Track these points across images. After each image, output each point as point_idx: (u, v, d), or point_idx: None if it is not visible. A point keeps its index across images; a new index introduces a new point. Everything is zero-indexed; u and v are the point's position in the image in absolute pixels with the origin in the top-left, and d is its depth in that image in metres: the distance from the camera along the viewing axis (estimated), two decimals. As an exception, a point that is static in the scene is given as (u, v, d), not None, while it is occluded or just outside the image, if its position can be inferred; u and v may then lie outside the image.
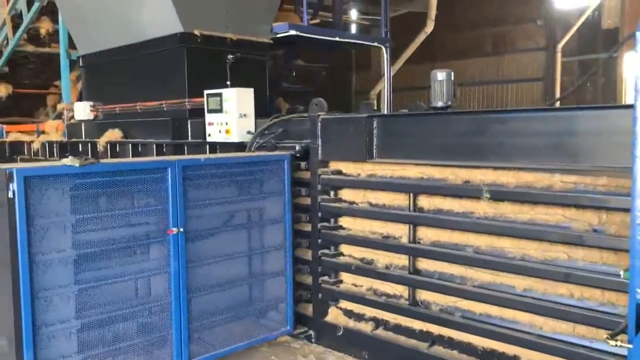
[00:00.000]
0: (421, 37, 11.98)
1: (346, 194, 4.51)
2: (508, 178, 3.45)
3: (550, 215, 3.31)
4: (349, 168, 4.46)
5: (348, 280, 4.55)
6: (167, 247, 3.86)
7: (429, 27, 11.66)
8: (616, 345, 2.81)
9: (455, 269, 3.79)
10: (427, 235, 3.92)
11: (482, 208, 3.61)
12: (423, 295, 4.00)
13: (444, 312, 3.87)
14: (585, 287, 3.20)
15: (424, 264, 3.99)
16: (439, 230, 3.87)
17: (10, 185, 3.13)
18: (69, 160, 3.38)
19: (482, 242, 3.64)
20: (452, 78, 4.38)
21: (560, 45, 15.79)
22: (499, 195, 3.50)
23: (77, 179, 3.42)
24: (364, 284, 4.43)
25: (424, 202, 3.93)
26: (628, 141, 2.31)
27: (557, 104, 11.87)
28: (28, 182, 3.19)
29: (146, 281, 3.90)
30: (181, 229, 3.88)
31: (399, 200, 4.08)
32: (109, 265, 3.63)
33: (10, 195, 3.14)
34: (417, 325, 4.07)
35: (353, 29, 14.70)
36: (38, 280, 3.27)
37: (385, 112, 8.14)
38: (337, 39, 8.07)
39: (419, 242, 3.98)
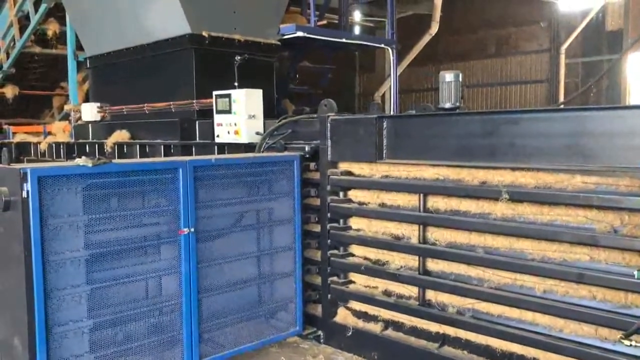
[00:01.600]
0: (425, 39, 12.02)
1: (356, 195, 4.52)
2: (527, 179, 3.43)
3: (572, 216, 3.30)
4: (359, 169, 4.46)
5: (359, 281, 4.55)
6: (178, 248, 3.87)
7: (434, 29, 11.69)
8: (630, 345, 2.83)
9: (473, 271, 3.78)
10: (444, 236, 3.91)
11: (500, 209, 3.59)
12: (439, 297, 3.99)
13: (459, 314, 3.86)
14: (607, 289, 3.17)
15: (439, 265, 3.98)
16: (455, 231, 3.85)
17: (25, 185, 3.14)
18: (82, 161, 3.40)
19: (500, 243, 3.62)
20: (460, 79, 4.40)
21: (564, 47, 15.83)
22: (518, 196, 3.47)
23: (89, 179, 3.43)
24: (375, 284, 4.43)
25: (440, 203, 3.92)
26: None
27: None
28: (42, 182, 3.20)
29: (157, 281, 3.91)
30: (192, 229, 3.89)
31: (414, 201, 4.07)
32: (120, 265, 3.63)
33: (25, 195, 3.15)
34: (427, 326, 4.06)
35: (356, 30, 14.73)
36: (51, 280, 3.27)
37: (393, 113, 8.16)
38: (344, 40, 8.10)
39: (434, 243, 3.96)
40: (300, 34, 7.09)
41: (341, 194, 4.58)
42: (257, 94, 5.33)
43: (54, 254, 3.29)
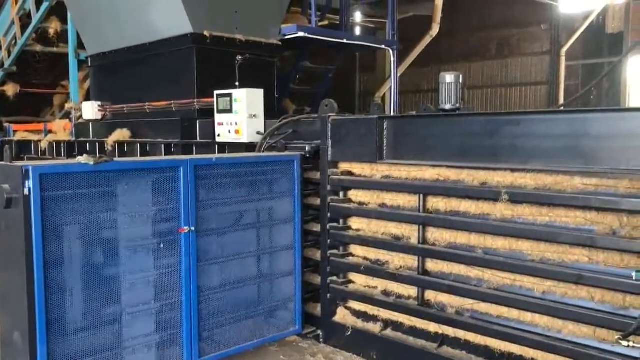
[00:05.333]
0: (426, 41, 12.03)
1: (356, 195, 4.53)
2: (527, 180, 3.44)
3: (571, 218, 3.30)
4: (359, 169, 4.48)
5: (359, 281, 4.56)
6: (178, 246, 3.88)
7: (434, 31, 11.70)
8: (628, 346, 2.85)
9: (473, 272, 3.78)
10: (444, 237, 3.92)
11: (500, 210, 3.60)
12: (438, 297, 4.00)
13: (458, 314, 3.87)
14: (605, 291, 3.18)
15: (439, 265, 3.99)
16: (454, 232, 3.86)
17: (26, 182, 3.15)
18: (83, 159, 3.41)
19: (499, 244, 3.63)
20: (461, 80, 4.41)
21: (564, 49, 15.85)
22: (518, 197, 3.48)
23: (90, 177, 3.44)
24: (374, 284, 4.44)
25: (440, 204, 3.93)
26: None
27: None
28: (43, 179, 3.21)
29: (157, 280, 3.90)
30: (192, 228, 3.90)
31: (414, 201, 4.08)
32: (120, 262, 3.64)
33: (26, 192, 3.16)
34: (427, 326, 4.07)
35: (357, 31, 14.74)
36: (52, 277, 3.28)
37: (394, 114, 8.16)
38: (345, 41, 8.11)
39: (434, 244, 3.97)
40: (301, 34, 7.10)
41: (341, 193, 4.59)
42: (258, 94, 5.35)
43: (54, 252, 3.29)
